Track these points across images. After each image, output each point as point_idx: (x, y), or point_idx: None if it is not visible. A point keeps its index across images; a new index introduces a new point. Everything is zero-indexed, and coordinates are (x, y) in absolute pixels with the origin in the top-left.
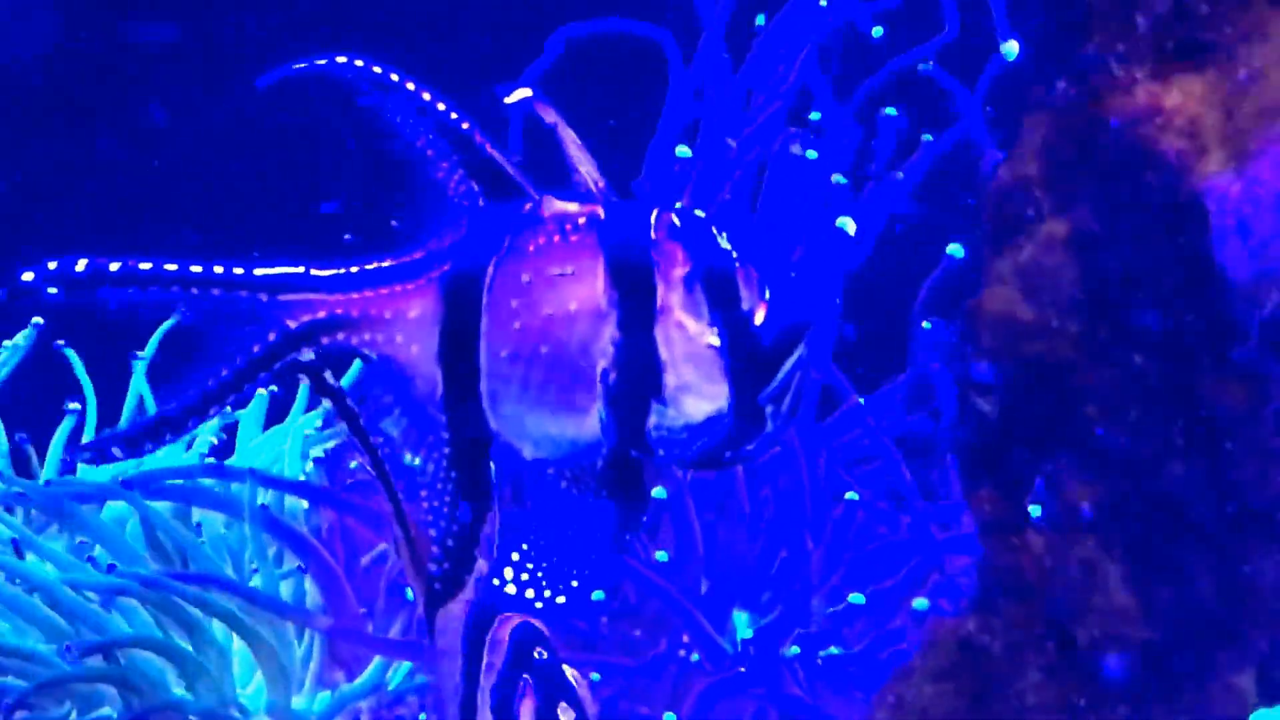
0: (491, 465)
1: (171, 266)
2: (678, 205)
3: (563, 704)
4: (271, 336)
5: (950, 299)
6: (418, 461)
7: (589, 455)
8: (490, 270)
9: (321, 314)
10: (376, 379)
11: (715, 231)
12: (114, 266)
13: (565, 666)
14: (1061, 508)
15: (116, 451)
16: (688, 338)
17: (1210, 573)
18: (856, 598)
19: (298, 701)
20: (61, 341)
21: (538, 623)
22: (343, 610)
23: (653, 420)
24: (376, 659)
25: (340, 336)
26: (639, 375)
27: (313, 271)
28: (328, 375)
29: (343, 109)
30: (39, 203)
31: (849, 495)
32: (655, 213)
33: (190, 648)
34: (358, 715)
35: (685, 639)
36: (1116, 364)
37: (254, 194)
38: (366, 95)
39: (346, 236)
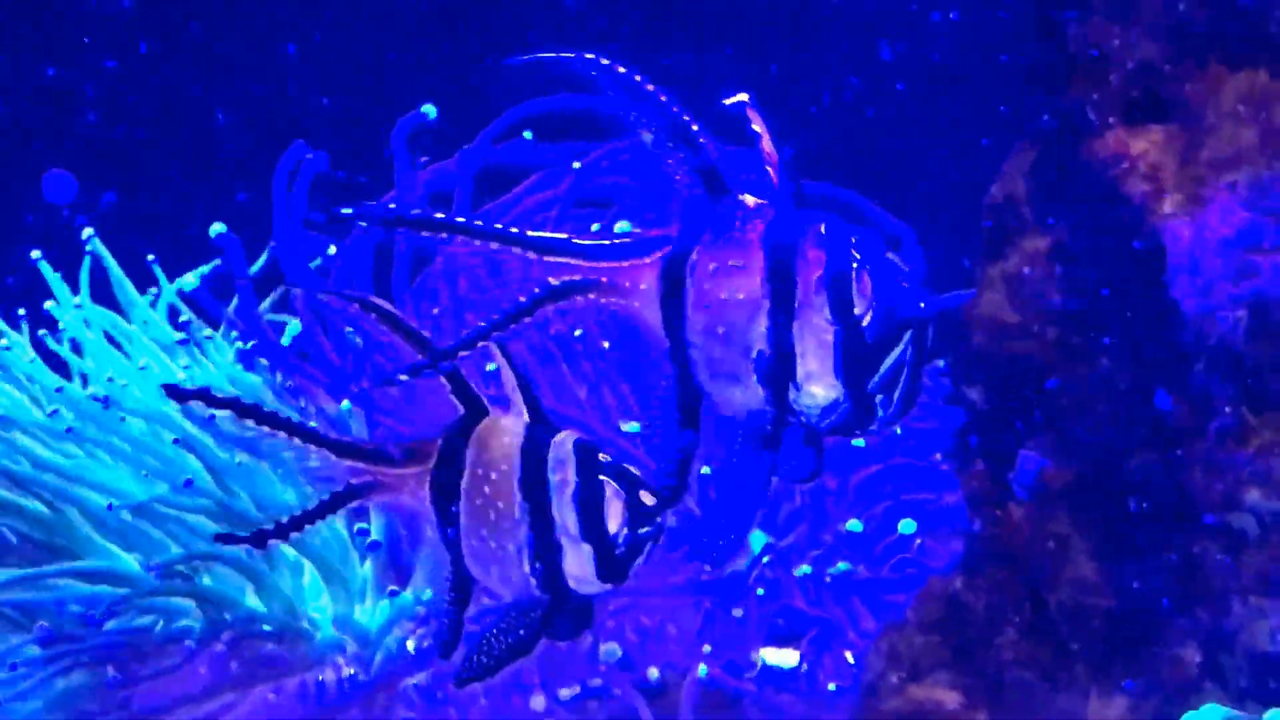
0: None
1: (460, 219)
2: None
3: (643, 493)
4: (536, 290)
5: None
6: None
7: (758, 420)
8: (694, 256)
9: (577, 276)
10: (619, 332)
11: (851, 241)
12: (415, 211)
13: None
14: (1039, 487)
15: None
16: (813, 333)
17: (1165, 552)
18: (854, 525)
19: (360, 613)
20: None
21: (584, 435)
22: None
23: (792, 397)
24: (420, 568)
25: (591, 296)
26: (780, 361)
27: (573, 239)
28: None
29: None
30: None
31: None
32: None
33: (265, 566)
34: (415, 617)
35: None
36: (1089, 366)
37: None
38: (608, 92)
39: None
